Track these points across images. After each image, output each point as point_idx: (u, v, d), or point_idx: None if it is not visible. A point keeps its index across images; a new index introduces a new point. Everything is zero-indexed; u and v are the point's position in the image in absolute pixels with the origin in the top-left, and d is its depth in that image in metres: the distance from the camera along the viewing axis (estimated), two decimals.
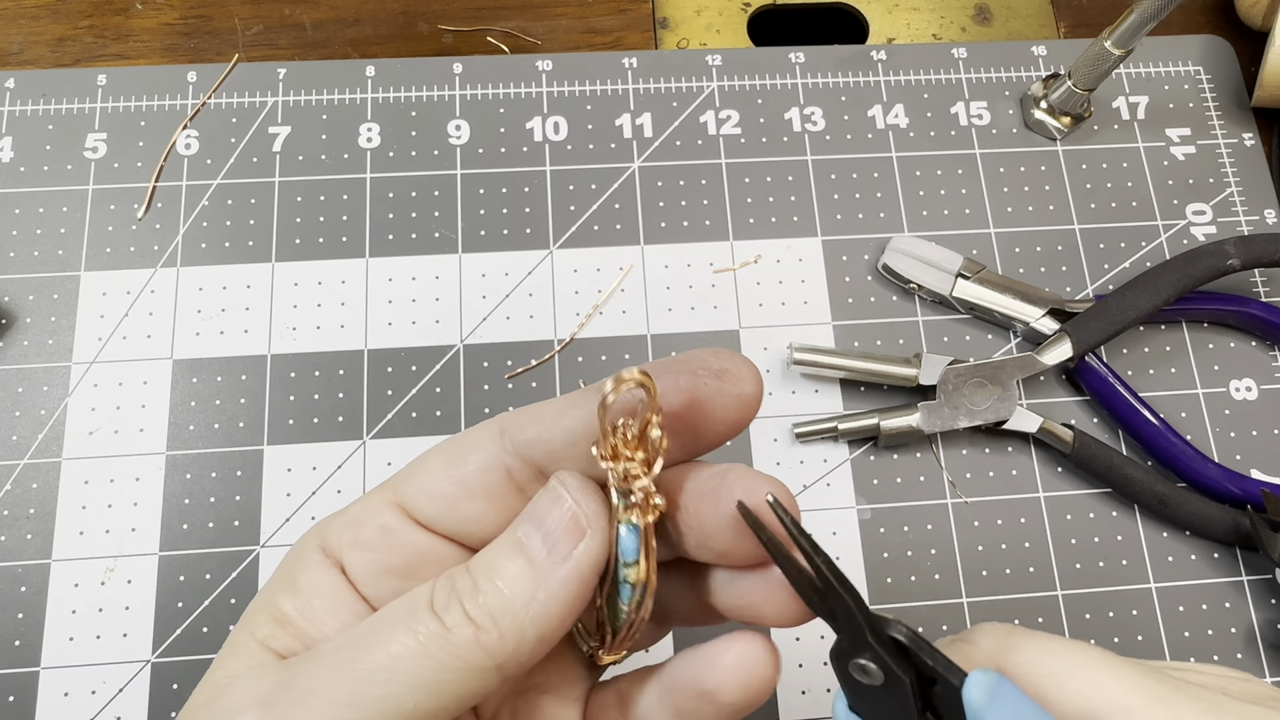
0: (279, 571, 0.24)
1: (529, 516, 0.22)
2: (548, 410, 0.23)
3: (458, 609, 0.21)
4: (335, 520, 0.24)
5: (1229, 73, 0.47)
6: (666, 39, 0.47)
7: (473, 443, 0.23)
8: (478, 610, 0.21)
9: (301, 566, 0.23)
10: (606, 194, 0.43)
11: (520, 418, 0.23)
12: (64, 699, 0.35)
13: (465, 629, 0.21)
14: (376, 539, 0.23)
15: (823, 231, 0.43)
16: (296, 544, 0.24)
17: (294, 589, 0.23)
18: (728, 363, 0.22)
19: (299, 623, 0.22)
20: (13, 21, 0.45)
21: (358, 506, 0.24)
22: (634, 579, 0.22)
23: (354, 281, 0.41)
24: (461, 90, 0.44)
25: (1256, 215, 0.44)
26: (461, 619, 0.21)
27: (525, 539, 0.22)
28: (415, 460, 0.24)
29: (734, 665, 0.22)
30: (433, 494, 0.23)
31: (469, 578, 0.21)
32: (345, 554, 0.23)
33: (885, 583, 0.38)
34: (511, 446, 0.23)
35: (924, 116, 0.45)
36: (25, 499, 0.38)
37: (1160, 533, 0.39)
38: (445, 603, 0.21)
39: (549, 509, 0.22)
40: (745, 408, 0.22)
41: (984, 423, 0.39)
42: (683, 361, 0.22)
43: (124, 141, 0.42)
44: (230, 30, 0.46)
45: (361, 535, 0.23)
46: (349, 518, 0.23)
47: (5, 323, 0.40)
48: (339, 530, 0.23)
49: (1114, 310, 0.40)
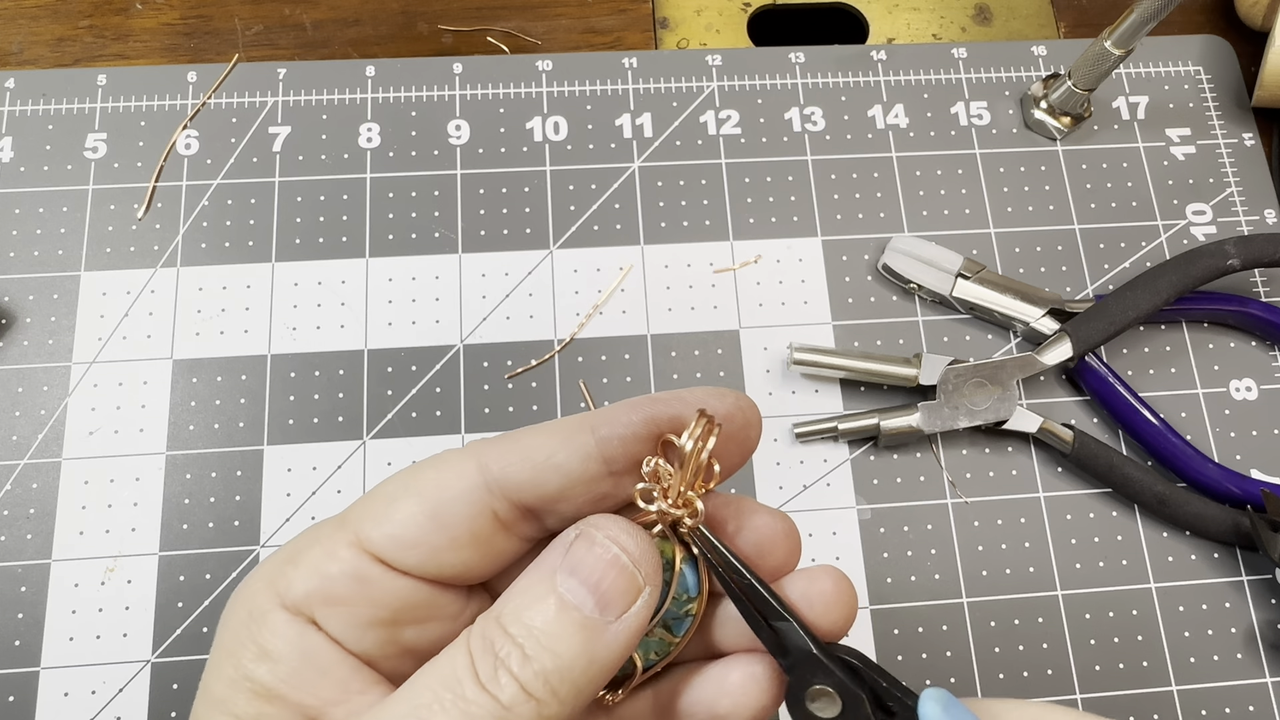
0: (231, 636, 0.21)
1: (575, 571, 0.20)
2: (536, 451, 0.21)
3: (510, 682, 0.19)
4: (288, 570, 0.21)
5: (1229, 73, 0.47)
6: (666, 39, 0.47)
7: (451, 486, 0.21)
8: (533, 680, 0.19)
9: (266, 629, 0.21)
10: (606, 194, 0.43)
11: (504, 456, 0.21)
12: (64, 699, 0.35)
13: (525, 705, 0.19)
14: (355, 592, 0.21)
15: (823, 231, 0.43)
16: (241, 602, 0.22)
17: (267, 656, 0.21)
18: (737, 405, 0.22)
19: (288, 694, 0.21)
20: (13, 21, 0.45)
21: (316, 553, 0.21)
22: (695, 610, 0.22)
23: (354, 281, 0.41)
24: (461, 90, 0.44)
25: (1256, 215, 0.44)
26: (519, 694, 0.19)
27: (572, 597, 0.20)
28: (377, 499, 0.22)
29: (741, 685, 0.22)
30: (408, 542, 0.21)
31: (511, 641, 0.19)
32: (318, 611, 0.21)
33: (885, 583, 0.38)
34: (498, 489, 0.21)
35: (924, 116, 0.45)
36: (25, 499, 0.38)
37: (1160, 533, 0.39)
38: (492, 673, 0.19)
39: (604, 569, 0.20)
40: (751, 449, 0.23)
41: (984, 423, 0.39)
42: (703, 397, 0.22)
43: (124, 141, 0.42)
44: (230, 30, 0.46)
45: (334, 589, 0.21)
46: (310, 568, 0.21)
47: (5, 323, 0.40)
48: (300, 581, 0.21)
49: (1114, 310, 0.40)
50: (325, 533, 0.22)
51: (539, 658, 0.19)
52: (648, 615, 0.20)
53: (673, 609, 0.22)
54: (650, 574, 0.21)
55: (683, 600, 0.22)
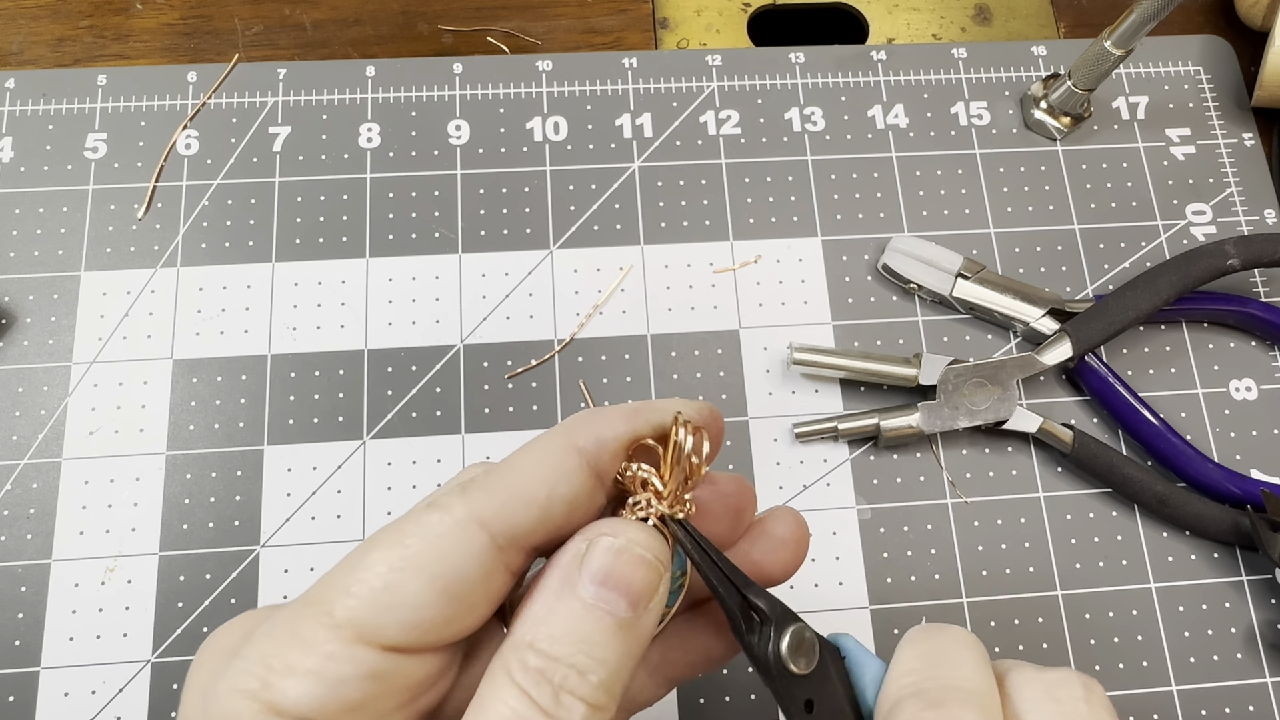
0: None
1: (602, 579, 0.21)
2: (535, 491, 0.21)
3: (576, 703, 0.19)
4: (274, 681, 0.19)
5: (1229, 73, 0.47)
6: (666, 39, 0.47)
7: (458, 554, 0.20)
8: (594, 693, 0.20)
9: None
10: (606, 194, 0.43)
11: (503, 505, 0.21)
12: (64, 699, 0.35)
13: (595, 718, 0.20)
14: (373, 691, 0.19)
15: (823, 231, 0.43)
16: (217, 712, 0.19)
17: None
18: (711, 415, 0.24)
19: None
20: (13, 21, 0.45)
21: (312, 657, 0.19)
22: (685, 583, 0.24)
23: (354, 281, 0.41)
24: (461, 90, 0.44)
25: (1256, 215, 0.44)
26: (587, 711, 0.19)
27: (602, 603, 0.20)
28: (364, 579, 0.20)
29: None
30: (428, 625, 0.20)
31: (561, 664, 0.20)
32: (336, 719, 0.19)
33: (885, 583, 0.38)
34: (507, 543, 0.21)
35: (924, 116, 0.45)
36: (25, 499, 0.38)
37: (1160, 533, 0.39)
38: (554, 700, 0.19)
39: (632, 570, 0.21)
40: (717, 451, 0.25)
41: (984, 423, 0.39)
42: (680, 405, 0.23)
43: (124, 141, 0.42)
44: (230, 30, 0.46)
45: (349, 695, 0.19)
46: (311, 675, 0.19)
47: (5, 323, 0.40)
48: (303, 695, 0.19)
49: (1114, 310, 0.40)
50: (308, 628, 0.20)
51: (593, 670, 0.20)
52: (665, 597, 0.22)
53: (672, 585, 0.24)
54: (666, 561, 0.22)
55: (676, 576, 0.24)
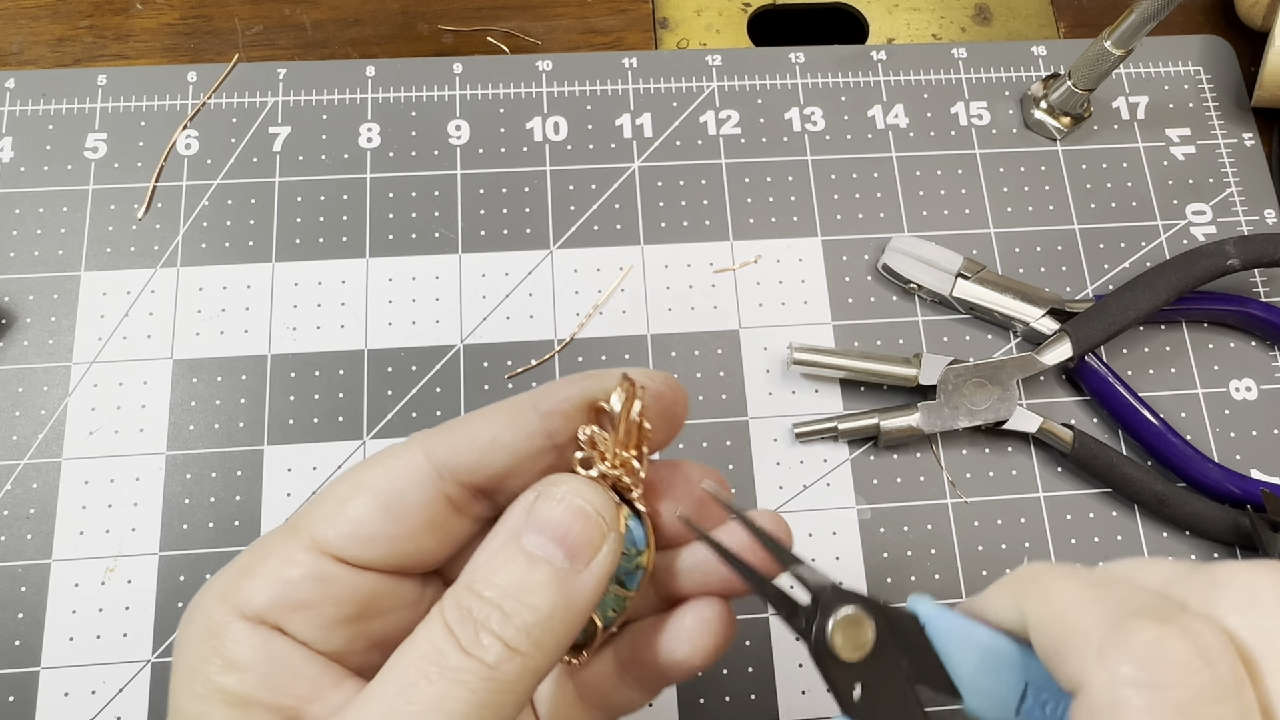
0: (192, 654, 0.21)
1: (541, 527, 0.21)
2: (480, 433, 0.22)
3: (493, 641, 0.20)
4: (243, 583, 0.21)
5: (1229, 73, 0.47)
6: (666, 39, 0.47)
7: (401, 478, 0.22)
8: (516, 635, 0.20)
9: (229, 641, 0.21)
10: (606, 194, 0.43)
11: (450, 442, 0.22)
12: (64, 699, 0.35)
13: (512, 661, 0.20)
14: (318, 593, 0.21)
15: (823, 231, 0.43)
16: (196, 620, 0.22)
17: (234, 667, 0.21)
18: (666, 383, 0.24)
19: (263, 698, 0.21)
20: (13, 21, 0.45)
21: (272, 562, 0.22)
22: (645, 563, 0.24)
23: (354, 281, 0.41)
24: (461, 90, 0.44)
25: (1256, 215, 0.44)
26: (504, 652, 0.20)
27: (540, 551, 0.21)
28: (328, 500, 0.22)
29: (695, 628, 0.24)
30: (367, 538, 0.22)
31: (487, 604, 0.20)
32: (283, 617, 0.21)
33: (885, 583, 0.38)
34: (449, 474, 0.22)
35: (924, 116, 0.45)
36: (25, 499, 0.38)
37: (1160, 533, 0.39)
38: (474, 637, 0.20)
39: (570, 519, 0.21)
40: (679, 424, 0.24)
41: (984, 423, 0.39)
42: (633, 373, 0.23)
43: (124, 141, 0.42)
44: (230, 30, 0.46)
45: (297, 594, 0.21)
46: (269, 577, 0.21)
47: (5, 323, 0.40)
48: (260, 591, 0.21)
49: (1114, 310, 0.40)
50: (277, 541, 0.22)
51: (518, 614, 0.20)
52: (613, 562, 0.22)
53: (623, 564, 0.23)
54: (612, 520, 0.22)
55: (632, 555, 0.24)
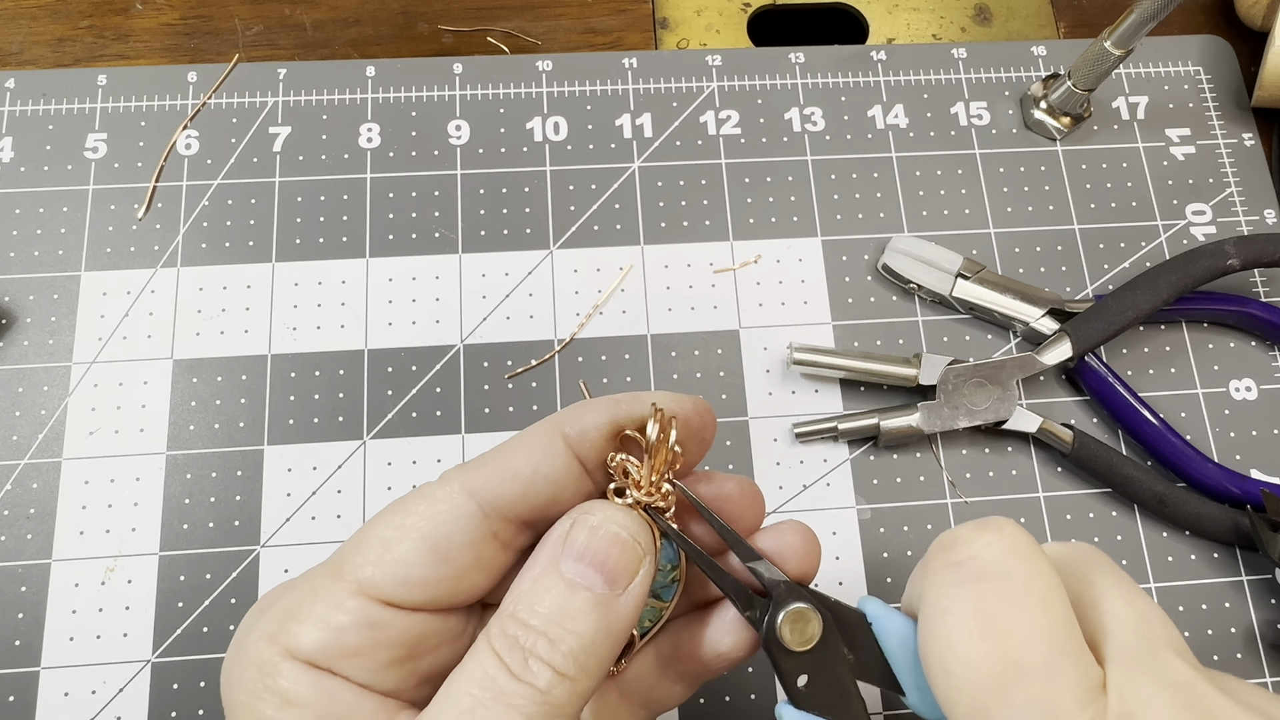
0: (245, 694, 0.21)
1: (580, 554, 0.22)
2: (520, 466, 0.23)
3: (543, 667, 0.20)
4: (290, 626, 0.22)
5: (1229, 73, 0.47)
6: (666, 39, 0.47)
7: (447, 519, 0.22)
8: (563, 661, 0.20)
9: (283, 679, 0.21)
10: (606, 194, 0.43)
11: (490, 477, 0.23)
12: (64, 699, 0.35)
13: (561, 685, 0.20)
14: (369, 639, 0.22)
15: (823, 231, 0.43)
16: (246, 660, 0.22)
17: (290, 703, 0.21)
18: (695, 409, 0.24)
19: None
20: (13, 21, 0.45)
21: (320, 606, 0.22)
22: (679, 576, 0.25)
23: (354, 281, 0.41)
24: (461, 90, 0.44)
25: (1256, 215, 0.44)
26: (553, 678, 0.20)
27: (580, 578, 0.21)
28: (372, 543, 0.22)
29: (738, 622, 0.25)
30: (417, 581, 0.22)
31: (532, 631, 0.21)
32: (334, 663, 0.21)
33: (885, 583, 0.38)
34: (494, 512, 0.22)
35: (924, 116, 0.45)
36: (25, 499, 0.38)
37: (1160, 533, 0.39)
38: (523, 663, 0.20)
39: (607, 547, 0.22)
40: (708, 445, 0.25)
41: (984, 423, 0.39)
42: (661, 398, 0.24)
43: (124, 141, 0.42)
44: (230, 30, 0.46)
45: (348, 641, 0.21)
46: (317, 622, 0.22)
47: (5, 323, 0.40)
48: (309, 636, 0.21)
49: (1114, 310, 0.40)
50: (322, 584, 0.22)
51: (563, 640, 0.21)
52: (649, 583, 0.22)
53: (659, 579, 0.24)
54: (647, 544, 0.23)
55: (667, 570, 0.24)
